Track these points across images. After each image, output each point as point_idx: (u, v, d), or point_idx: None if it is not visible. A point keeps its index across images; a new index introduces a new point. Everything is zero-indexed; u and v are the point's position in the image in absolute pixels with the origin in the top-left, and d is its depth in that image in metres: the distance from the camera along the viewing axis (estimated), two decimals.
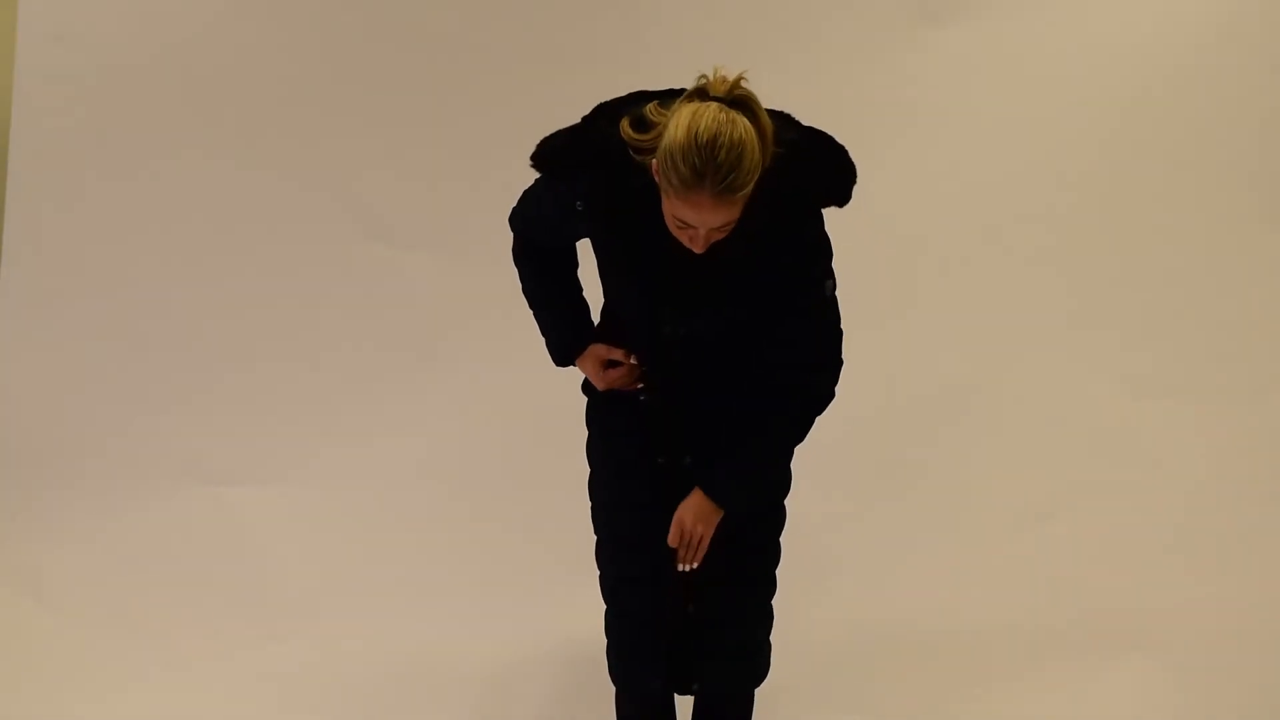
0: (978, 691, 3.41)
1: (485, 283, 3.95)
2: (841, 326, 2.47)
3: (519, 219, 2.59)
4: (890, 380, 3.81)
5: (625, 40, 3.88)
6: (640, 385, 2.55)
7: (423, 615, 3.68)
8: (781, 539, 2.62)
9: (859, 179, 2.43)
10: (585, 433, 2.67)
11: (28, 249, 4.02)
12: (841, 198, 2.36)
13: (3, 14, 4.01)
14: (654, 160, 2.21)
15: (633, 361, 2.56)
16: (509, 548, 3.79)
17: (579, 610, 3.12)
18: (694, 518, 2.48)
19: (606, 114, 2.36)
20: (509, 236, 4.01)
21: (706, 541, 2.49)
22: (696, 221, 2.21)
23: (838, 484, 3.74)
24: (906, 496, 3.80)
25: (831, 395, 2.50)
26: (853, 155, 2.45)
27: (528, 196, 2.54)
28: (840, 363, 2.49)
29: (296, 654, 3.57)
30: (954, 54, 3.85)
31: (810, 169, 2.32)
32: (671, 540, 2.50)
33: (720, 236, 2.26)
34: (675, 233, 2.27)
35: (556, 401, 2.93)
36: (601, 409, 2.63)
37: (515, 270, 2.64)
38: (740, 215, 2.25)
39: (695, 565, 2.51)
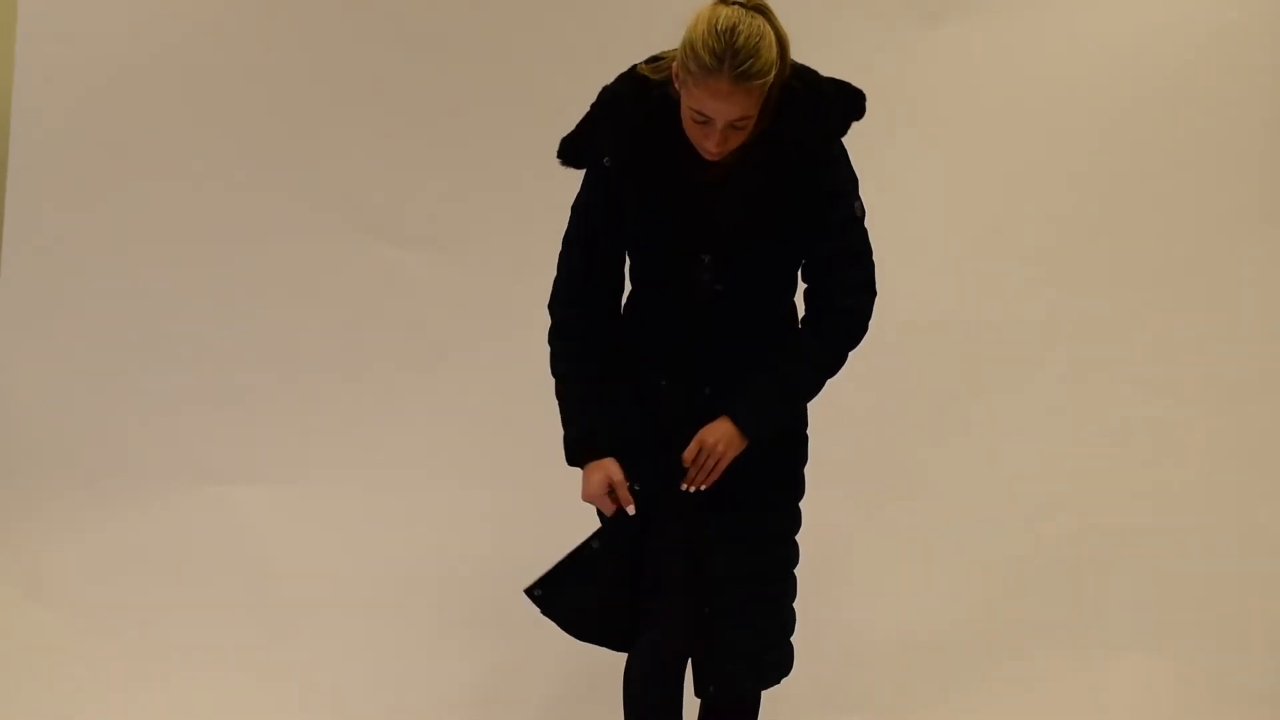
0: (979, 691, 3.41)
1: (486, 282, 3.97)
2: (873, 257, 2.47)
3: (565, 249, 2.54)
4: (891, 381, 3.81)
5: (626, 40, 3.82)
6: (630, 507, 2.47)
7: (423, 615, 3.68)
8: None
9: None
10: None
11: (28, 249, 4.02)
12: (859, 111, 2.43)
13: (3, 14, 4.02)
14: (674, 64, 2.28)
15: (635, 489, 2.47)
16: (510, 547, 3.78)
17: None
18: (717, 438, 2.41)
19: (611, 84, 2.45)
20: (510, 236, 4.00)
21: (723, 467, 2.42)
22: (714, 111, 2.24)
23: (839, 485, 3.72)
24: (907, 497, 3.79)
25: (865, 325, 2.47)
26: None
27: (573, 209, 2.53)
28: (874, 291, 2.48)
29: (296, 654, 3.57)
30: (954, 54, 3.86)
31: (822, 89, 2.40)
32: (687, 457, 2.43)
33: (737, 139, 2.29)
34: (692, 132, 2.30)
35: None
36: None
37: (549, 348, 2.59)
38: (764, 143, 2.30)
39: (703, 488, 2.43)
